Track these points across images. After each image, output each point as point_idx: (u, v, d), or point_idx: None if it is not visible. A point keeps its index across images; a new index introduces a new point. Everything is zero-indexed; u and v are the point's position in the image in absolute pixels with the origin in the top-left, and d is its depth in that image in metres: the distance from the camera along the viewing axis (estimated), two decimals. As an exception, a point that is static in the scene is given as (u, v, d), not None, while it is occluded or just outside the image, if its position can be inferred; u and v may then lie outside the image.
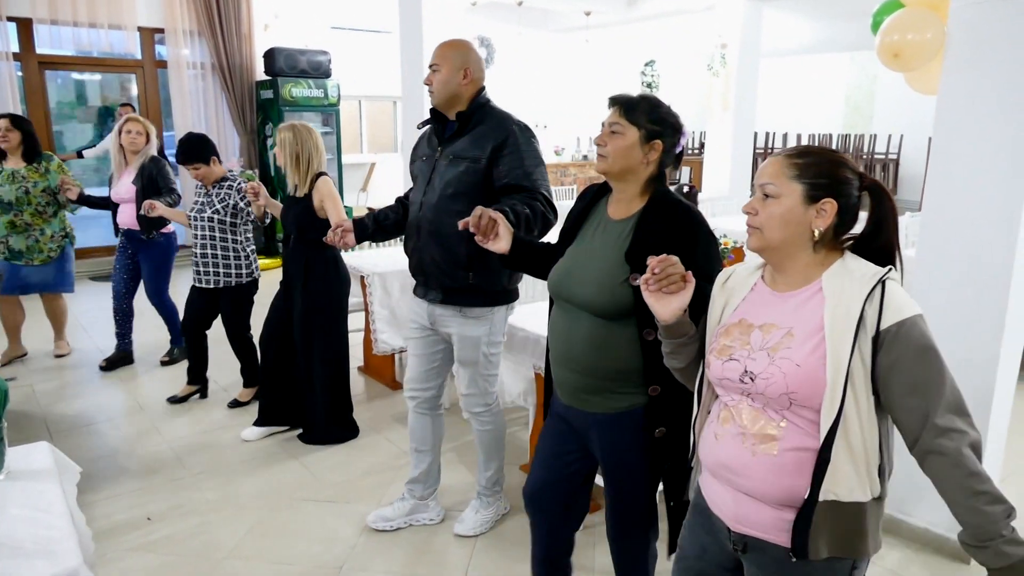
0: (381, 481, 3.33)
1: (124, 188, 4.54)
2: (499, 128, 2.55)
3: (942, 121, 2.65)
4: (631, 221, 1.89)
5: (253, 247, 4.04)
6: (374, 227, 2.82)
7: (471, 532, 2.90)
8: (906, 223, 6.33)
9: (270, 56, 7.98)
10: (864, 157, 12.13)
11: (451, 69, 2.57)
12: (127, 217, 4.56)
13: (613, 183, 1.95)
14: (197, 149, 3.83)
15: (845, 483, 1.33)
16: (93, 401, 4.29)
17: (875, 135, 12.43)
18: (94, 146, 7.50)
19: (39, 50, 7.42)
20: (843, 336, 1.31)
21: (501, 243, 2.05)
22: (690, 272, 1.52)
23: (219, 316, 4.09)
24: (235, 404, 4.16)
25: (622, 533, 2.11)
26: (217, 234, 3.86)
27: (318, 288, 3.53)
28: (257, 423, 3.80)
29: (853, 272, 1.37)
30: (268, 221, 3.93)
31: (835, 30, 11.51)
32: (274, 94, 8.05)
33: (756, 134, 10.60)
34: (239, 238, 3.93)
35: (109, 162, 6.59)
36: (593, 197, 2.04)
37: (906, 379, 1.31)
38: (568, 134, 11.72)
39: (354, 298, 4.72)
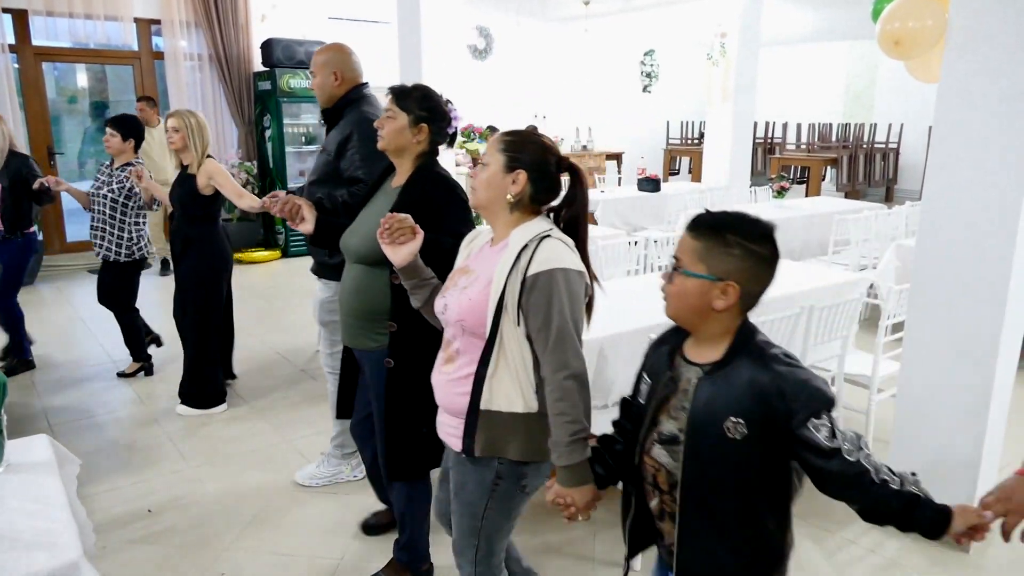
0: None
1: None
2: (347, 125, 2.86)
3: (943, 109, 2.63)
4: (401, 188, 2.26)
5: (144, 232, 4.35)
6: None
7: (303, 481, 3.21)
8: (906, 212, 6.33)
9: (267, 47, 7.94)
10: (864, 147, 12.09)
11: (323, 74, 2.94)
12: None
13: (392, 158, 2.31)
14: (125, 121, 4.27)
15: (504, 396, 1.68)
16: (93, 394, 4.29)
17: (875, 124, 12.38)
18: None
19: (35, 41, 7.38)
20: (502, 275, 1.66)
21: (307, 226, 2.36)
22: (418, 226, 1.86)
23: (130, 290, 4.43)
24: (122, 375, 4.52)
25: (386, 466, 2.33)
26: (108, 212, 4.21)
27: (195, 262, 3.83)
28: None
29: (530, 230, 1.70)
30: (156, 207, 4.41)
31: (835, 19, 11.45)
32: (272, 85, 8.01)
33: (756, 124, 10.57)
34: (128, 220, 4.25)
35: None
36: (383, 173, 2.43)
37: (535, 316, 1.63)
38: (567, 124, 11.68)
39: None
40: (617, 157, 11.63)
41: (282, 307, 6.14)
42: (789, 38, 12.73)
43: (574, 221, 1.77)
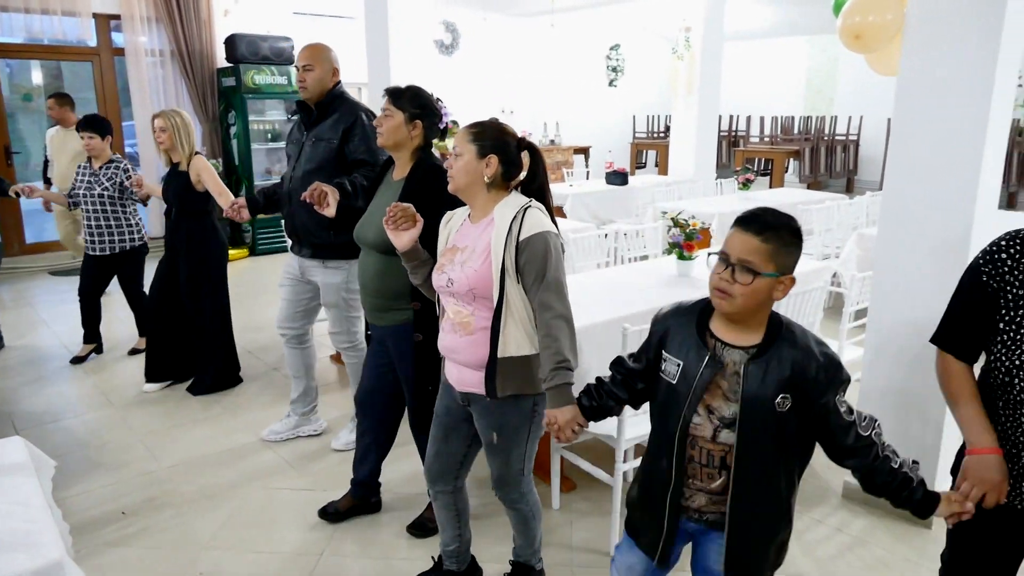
0: (358, 468, 3.33)
1: None
2: (349, 114, 3.16)
3: (902, 101, 2.72)
4: (403, 180, 2.51)
5: (140, 217, 4.69)
6: (264, 201, 3.43)
7: (344, 447, 3.47)
8: (867, 202, 6.48)
9: (231, 43, 7.82)
10: (825, 139, 12.33)
11: (324, 69, 3.18)
12: None
13: (391, 153, 2.58)
14: (98, 122, 4.47)
15: (515, 343, 1.99)
16: (59, 396, 4.22)
17: (836, 117, 12.62)
18: (47, 162, 6.40)
19: (-11, 38, 7.19)
20: (499, 244, 1.95)
21: (331, 210, 2.63)
22: (419, 215, 2.14)
23: (115, 279, 4.70)
24: (134, 352, 4.83)
25: (417, 423, 2.64)
26: (108, 208, 4.45)
27: (201, 254, 4.07)
28: (149, 379, 4.29)
29: (512, 204, 2.01)
30: (148, 203, 4.81)
31: (795, 13, 11.64)
32: (236, 81, 7.90)
33: (720, 117, 10.70)
34: (128, 210, 4.55)
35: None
36: (384, 166, 2.68)
37: (529, 271, 1.95)
38: (535, 119, 11.71)
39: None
40: (584, 151, 11.70)
41: (251, 306, 6.08)
42: (752, 33, 12.91)
43: (540, 190, 2.09)
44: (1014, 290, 1.53)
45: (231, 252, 7.85)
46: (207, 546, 2.76)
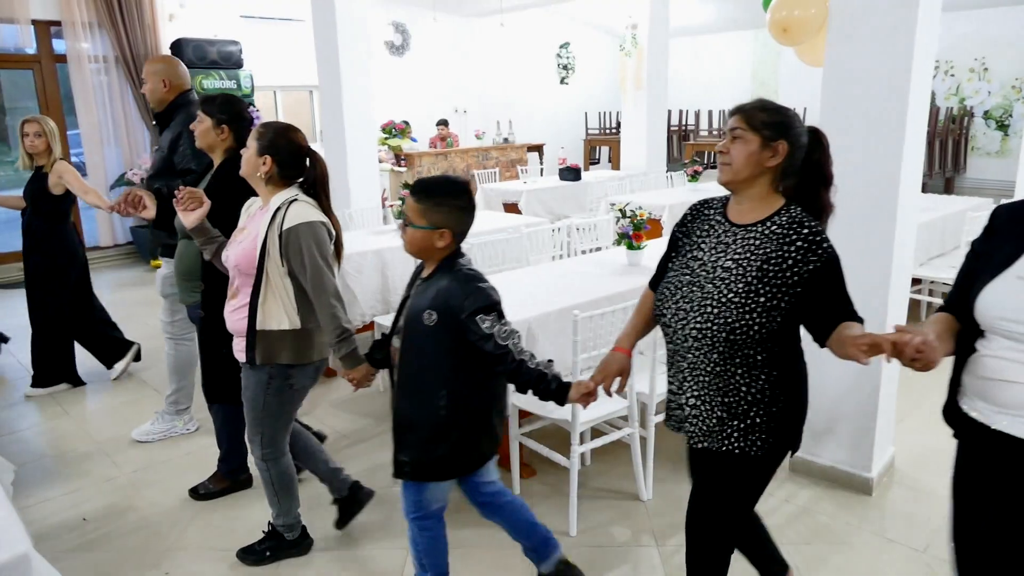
0: (321, 465, 3.36)
1: None
2: (177, 125, 3.36)
3: (828, 91, 2.86)
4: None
5: None
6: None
7: (140, 437, 3.68)
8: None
9: (177, 47, 7.73)
10: (772, 130, 12.64)
11: (154, 81, 3.41)
12: None
13: (208, 154, 2.88)
14: None
15: (275, 319, 2.32)
16: (12, 409, 4.15)
17: (781, 109, 12.95)
18: None
19: (-77, 47, 6.99)
20: (263, 229, 2.27)
21: (149, 212, 2.94)
22: (207, 198, 2.44)
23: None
24: None
25: (206, 391, 2.96)
26: None
27: (50, 253, 4.16)
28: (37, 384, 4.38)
29: (282, 196, 2.32)
30: None
31: (738, 8, 11.93)
32: (184, 86, 7.81)
33: (669, 112, 10.91)
34: None
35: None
36: (208, 166, 2.96)
37: (296, 261, 2.27)
38: (488, 118, 11.78)
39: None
40: (538, 149, 11.82)
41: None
42: (697, 28, 13.19)
43: (313, 187, 2.39)
44: (683, 239, 1.94)
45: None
46: (172, 547, 2.78)
